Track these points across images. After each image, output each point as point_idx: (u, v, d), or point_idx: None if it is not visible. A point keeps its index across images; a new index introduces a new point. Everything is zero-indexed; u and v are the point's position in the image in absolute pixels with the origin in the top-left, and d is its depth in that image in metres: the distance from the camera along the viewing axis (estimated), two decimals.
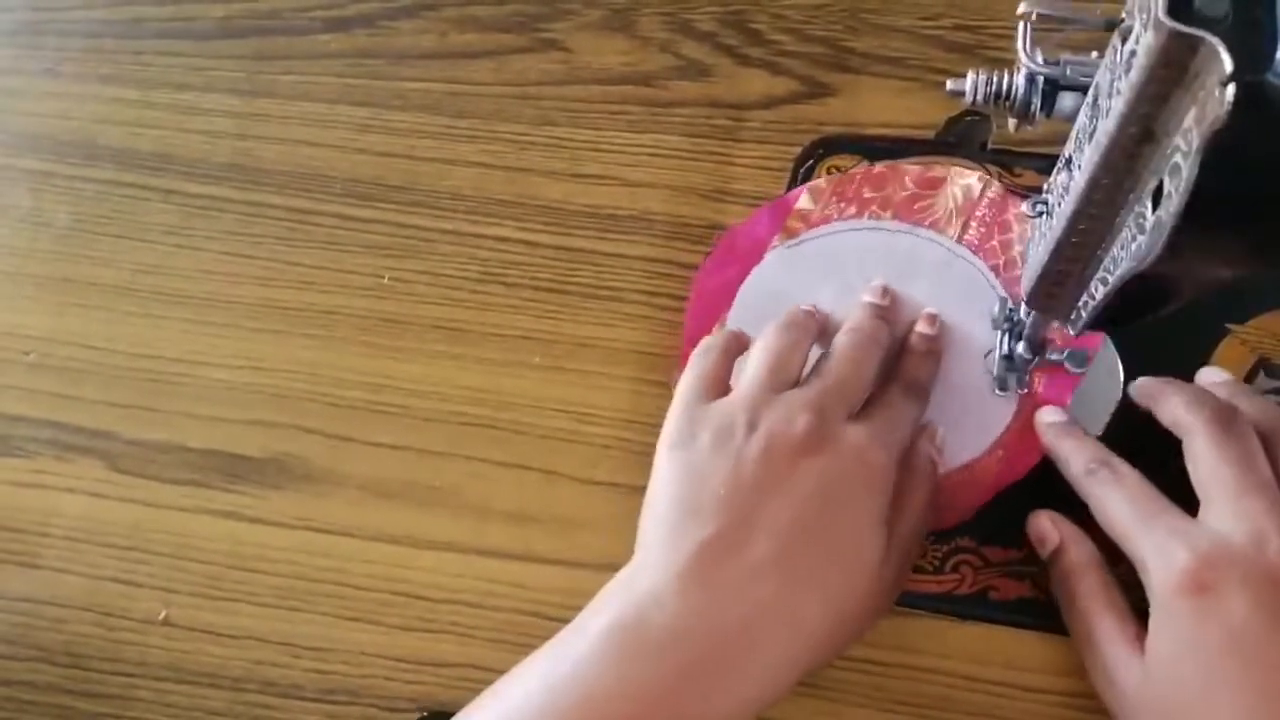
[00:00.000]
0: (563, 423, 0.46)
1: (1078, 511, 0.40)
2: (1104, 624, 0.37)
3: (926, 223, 0.47)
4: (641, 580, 0.35)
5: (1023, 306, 0.43)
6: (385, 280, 0.50)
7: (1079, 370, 0.44)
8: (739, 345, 0.43)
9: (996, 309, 0.45)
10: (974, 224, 0.47)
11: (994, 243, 0.46)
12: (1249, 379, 0.44)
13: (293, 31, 0.55)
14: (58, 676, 0.45)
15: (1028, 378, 0.44)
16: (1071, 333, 0.37)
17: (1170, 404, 0.39)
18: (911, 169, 0.48)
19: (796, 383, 0.40)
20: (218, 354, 0.49)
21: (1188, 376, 0.44)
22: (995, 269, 0.46)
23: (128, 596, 0.46)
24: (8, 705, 0.45)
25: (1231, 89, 0.22)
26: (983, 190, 0.47)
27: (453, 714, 0.36)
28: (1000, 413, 0.44)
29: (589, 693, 0.32)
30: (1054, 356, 0.44)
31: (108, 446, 0.48)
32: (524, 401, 0.47)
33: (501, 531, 0.45)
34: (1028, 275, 0.39)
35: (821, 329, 0.44)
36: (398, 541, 0.45)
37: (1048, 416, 0.42)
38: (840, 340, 0.42)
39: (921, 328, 0.44)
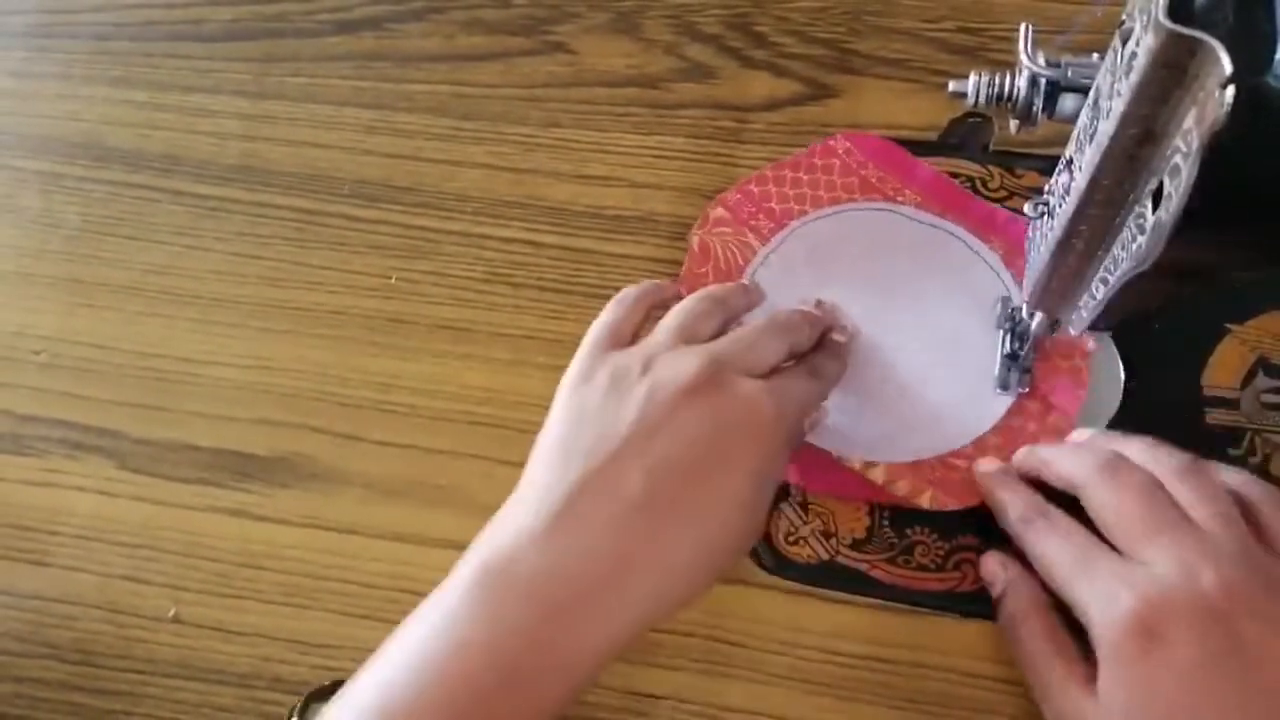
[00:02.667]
0: None
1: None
2: (1053, 668, 0.37)
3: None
4: (513, 520, 0.35)
5: (1024, 306, 0.43)
6: (392, 280, 0.50)
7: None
8: (658, 296, 0.43)
9: (998, 309, 0.45)
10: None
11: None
12: (1249, 379, 0.44)
13: (301, 34, 0.56)
14: (68, 673, 0.45)
15: (1029, 377, 0.44)
16: (1073, 332, 0.38)
17: (1056, 465, 0.40)
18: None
19: None
20: (226, 354, 0.50)
21: (1188, 376, 0.44)
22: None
23: (137, 594, 0.46)
24: (19, 702, 0.45)
25: (1231, 91, 0.22)
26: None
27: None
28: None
29: (460, 639, 0.32)
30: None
31: (117, 445, 0.49)
32: (530, 401, 0.47)
33: None
34: (1029, 275, 0.39)
35: (747, 309, 0.44)
36: (404, 539, 0.46)
37: (984, 466, 0.43)
38: (756, 319, 0.42)
39: (835, 334, 0.45)
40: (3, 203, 0.54)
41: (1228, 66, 0.22)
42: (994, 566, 0.41)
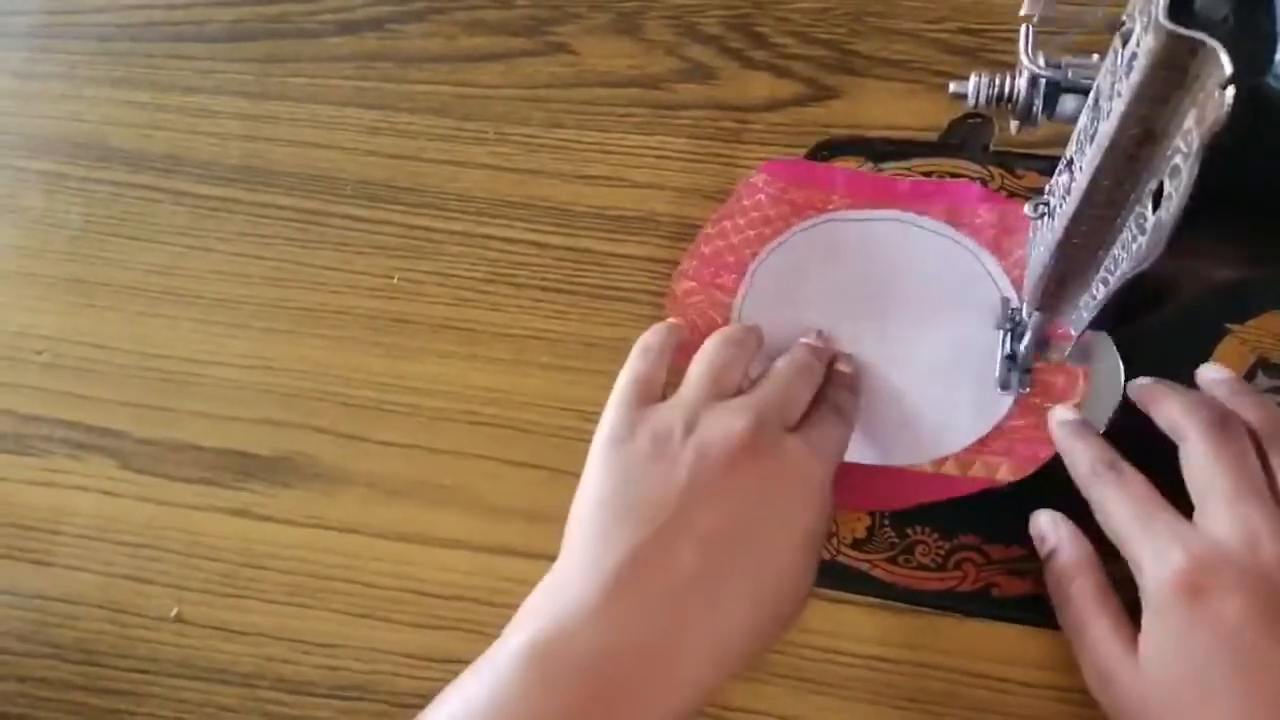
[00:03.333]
0: (570, 421, 0.47)
1: (1079, 511, 0.40)
2: (1099, 624, 0.37)
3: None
4: (565, 592, 0.34)
5: (1025, 306, 0.43)
6: (395, 281, 0.50)
7: (1082, 364, 0.44)
8: (678, 339, 0.43)
9: (999, 309, 0.45)
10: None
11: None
12: (1248, 378, 0.44)
13: (302, 35, 0.56)
14: (71, 673, 0.46)
15: (1030, 377, 0.45)
16: (1073, 332, 0.38)
17: (1166, 407, 0.40)
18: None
19: (736, 395, 0.40)
20: (228, 354, 0.50)
21: (1188, 377, 0.44)
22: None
23: (140, 593, 0.46)
24: (22, 701, 0.45)
25: (1231, 91, 0.22)
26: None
27: None
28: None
29: (508, 716, 0.31)
30: (1056, 356, 0.44)
31: (120, 445, 0.49)
32: (532, 400, 0.47)
33: (510, 529, 0.46)
34: (1030, 275, 0.39)
35: (759, 348, 0.44)
36: (407, 539, 0.46)
37: (1061, 415, 0.43)
38: (778, 363, 0.42)
39: (840, 365, 0.45)
40: (5, 203, 0.54)
41: (1228, 67, 0.22)
42: (1045, 524, 0.41)
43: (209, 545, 0.47)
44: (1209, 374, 0.42)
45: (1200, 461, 0.37)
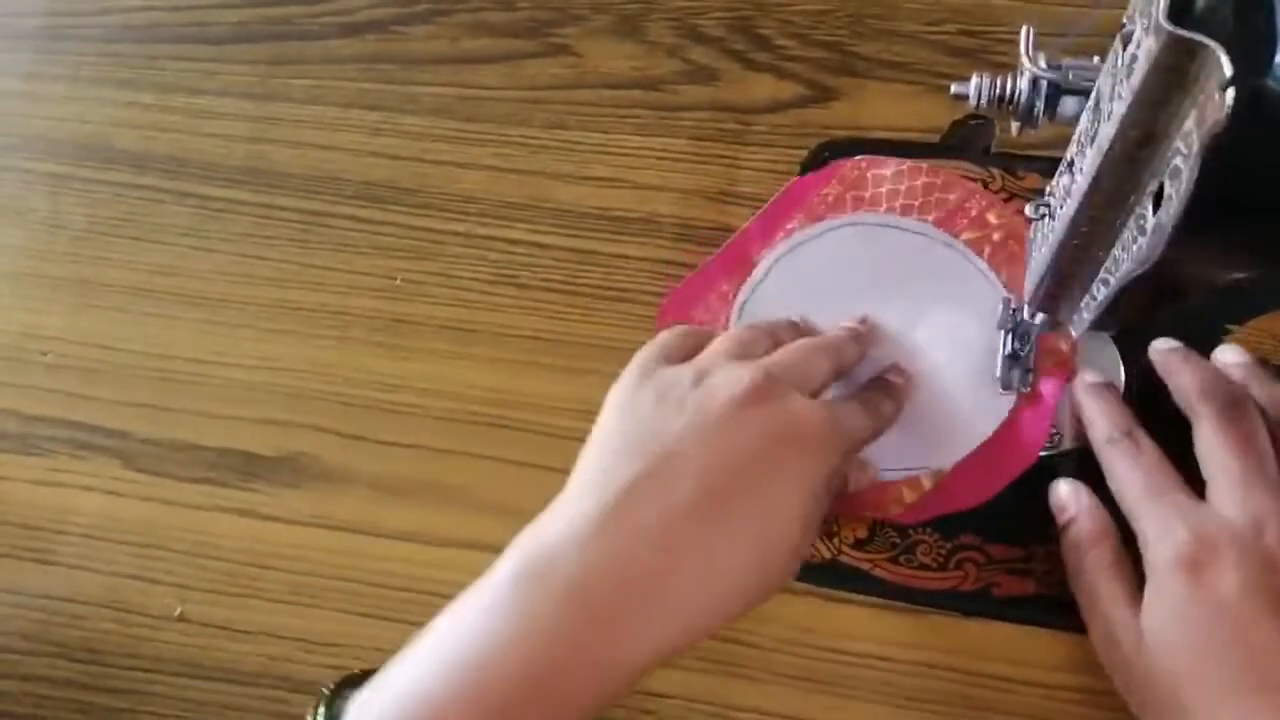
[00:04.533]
0: (573, 422, 0.47)
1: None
2: (1110, 589, 0.38)
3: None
4: (558, 519, 0.34)
5: (1025, 307, 0.43)
6: (398, 281, 0.50)
7: (1082, 366, 0.45)
8: (708, 337, 0.43)
9: (1000, 310, 0.45)
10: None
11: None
12: None
13: (306, 36, 0.56)
14: (76, 672, 0.46)
15: (1031, 375, 0.45)
16: (1074, 333, 0.38)
17: (1184, 381, 0.40)
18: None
19: None
20: (232, 354, 0.50)
21: None
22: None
23: (144, 593, 0.47)
24: (27, 700, 0.46)
25: (1231, 93, 0.22)
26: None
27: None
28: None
29: (491, 643, 0.31)
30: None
31: (124, 445, 0.49)
32: (535, 401, 0.48)
33: (512, 529, 0.45)
34: (1030, 276, 0.39)
35: (795, 339, 0.43)
36: (410, 538, 0.46)
37: (1087, 376, 0.43)
38: (804, 339, 0.42)
39: (892, 375, 0.44)
40: (10, 204, 0.54)
41: (1228, 69, 0.22)
42: (1065, 493, 0.42)
43: (213, 545, 0.47)
44: (1227, 356, 0.42)
45: (1212, 441, 0.38)
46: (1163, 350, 0.42)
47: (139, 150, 0.55)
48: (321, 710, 0.35)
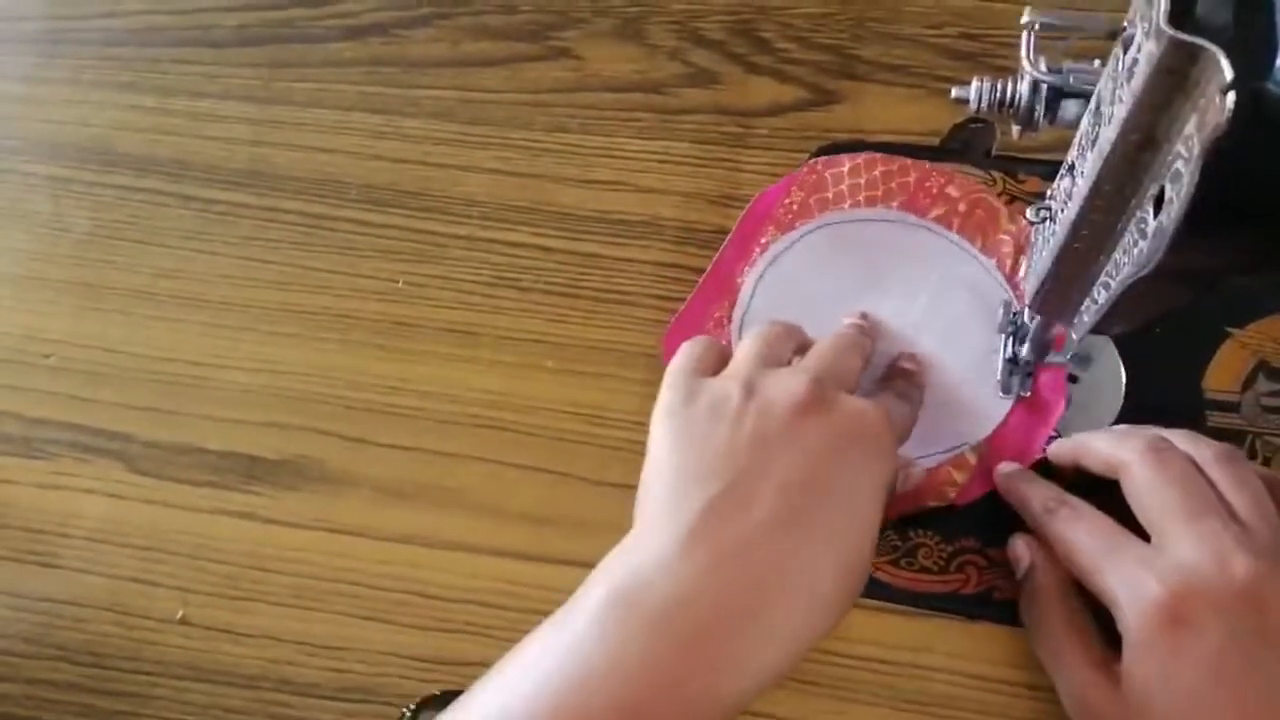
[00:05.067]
0: (575, 425, 0.47)
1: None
2: (1073, 649, 0.38)
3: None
4: (642, 546, 0.33)
5: (1026, 310, 0.43)
6: (400, 284, 0.51)
7: (1082, 371, 0.45)
8: (730, 344, 0.43)
9: (1001, 313, 0.46)
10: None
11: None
12: (1249, 382, 0.45)
13: (308, 39, 0.56)
14: (78, 675, 0.46)
15: (1031, 380, 0.45)
16: (1075, 337, 0.38)
17: (1095, 448, 0.40)
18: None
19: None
20: (235, 357, 0.50)
21: (1189, 380, 0.45)
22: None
23: (146, 596, 0.47)
24: (28, 703, 0.46)
25: (1232, 97, 0.22)
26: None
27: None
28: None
29: (586, 670, 0.30)
30: (1057, 359, 0.44)
31: (127, 448, 0.49)
32: (537, 404, 0.48)
33: (515, 532, 0.46)
34: (1031, 280, 0.39)
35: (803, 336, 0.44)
36: (413, 542, 0.46)
37: (1005, 468, 0.43)
38: (825, 338, 0.42)
39: (904, 363, 0.45)
40: (13, 207, 0.54)
41: (1228, 73, 0.22)
42: (1020, 547, 0.41)
43: (215, 548, 0.47)
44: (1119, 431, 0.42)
45: (1147, 486, 0.37)
46: (1054, 446, 0.43)
47: (141, 153, 0.55)
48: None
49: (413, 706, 0.37)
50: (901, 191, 0.48)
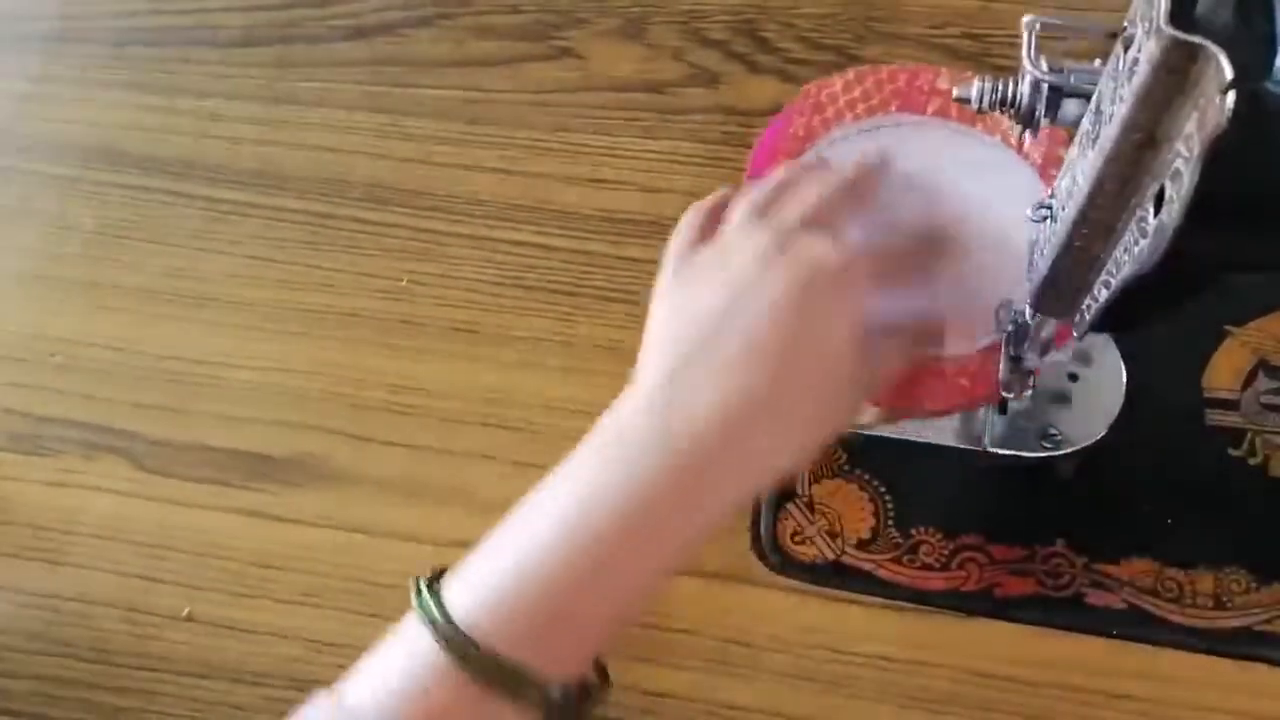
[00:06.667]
0: (579, 423, 0.47)
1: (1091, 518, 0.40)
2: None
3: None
4: (625, 402, 0.36)
5: (1028, 309, 0.44)
6: (404, 283, 0.51)
7: (1084, 367, 0.44)
8: (725, 202, 0.43)
9: (1001, 312, 0.46)
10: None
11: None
12: (1249, 380, 0.45)
13: (313, 40, 0.56)
14: (84, 671, 0.46)
15: (1032, 379, 0.45)
16: (1076, 335, 0.38)
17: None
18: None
19: None
20: (241, 355, 0.50)
21: (1189, 378, 0.45)
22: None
23: (152, 593, 0.47)
24: (35, 699, 0.46)
25: (1232, 96, 0.22)
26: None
27: None
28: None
29: (582, 495, 0.34)
30: (1060, 356, 0.44)
31: (133, 446, 0.49)
32: (540, 402, 0.48)
33: None
34: (1032, 278, 0.39)
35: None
36: (417, 539, 0.46)
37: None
38: (809, 179, 0.42)
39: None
40: (20, 206, 0.55)
41: (1228, 72, 0.22)
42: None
43: (220, 545, 0.47)
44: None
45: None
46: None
47: (148, 153, 0.55)
48: (423, 588, 0.36)
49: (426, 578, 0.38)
50: (897, 96, 0.48)
